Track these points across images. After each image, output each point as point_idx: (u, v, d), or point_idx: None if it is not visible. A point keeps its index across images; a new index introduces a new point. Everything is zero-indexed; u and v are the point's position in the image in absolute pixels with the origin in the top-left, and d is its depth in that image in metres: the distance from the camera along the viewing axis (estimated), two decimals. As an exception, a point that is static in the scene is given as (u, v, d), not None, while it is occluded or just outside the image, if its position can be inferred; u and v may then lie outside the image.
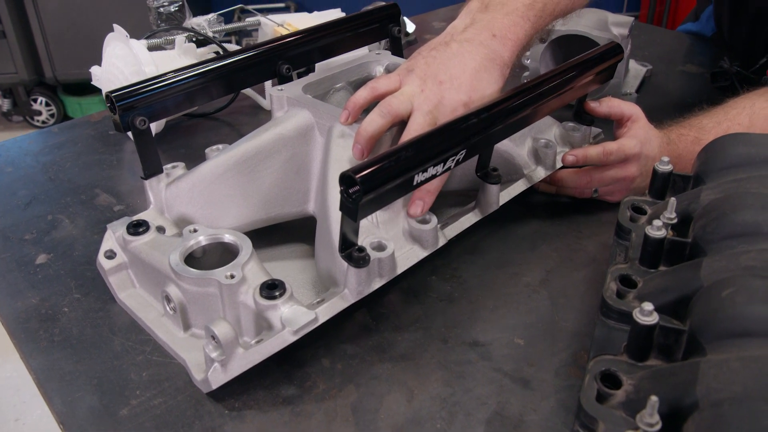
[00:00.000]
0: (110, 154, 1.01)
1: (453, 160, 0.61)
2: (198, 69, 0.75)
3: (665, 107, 1.05)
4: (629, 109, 0.79)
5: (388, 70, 0.84)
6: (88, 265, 0.77)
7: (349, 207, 0.55)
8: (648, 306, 0.49)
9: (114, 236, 0.71)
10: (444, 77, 0.69)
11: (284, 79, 0.81)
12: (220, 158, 0.72)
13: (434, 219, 0.66)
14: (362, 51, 0.98)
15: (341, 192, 0.54)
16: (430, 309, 0.69)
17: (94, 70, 1.00)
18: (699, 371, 0.44)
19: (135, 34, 1.00)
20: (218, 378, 0.58)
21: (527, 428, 0.56)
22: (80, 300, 0.72)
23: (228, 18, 1.38)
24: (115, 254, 0.71)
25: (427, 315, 0.68)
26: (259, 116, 1.10)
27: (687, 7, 3.28)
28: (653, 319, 0.49)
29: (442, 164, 0.60)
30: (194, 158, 0.91)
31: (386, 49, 0.91)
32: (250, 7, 3.76)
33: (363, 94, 0.69)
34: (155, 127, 0.99)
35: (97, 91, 3.32)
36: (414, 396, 0.59)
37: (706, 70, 1.18)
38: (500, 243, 0.78)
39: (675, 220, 0.60)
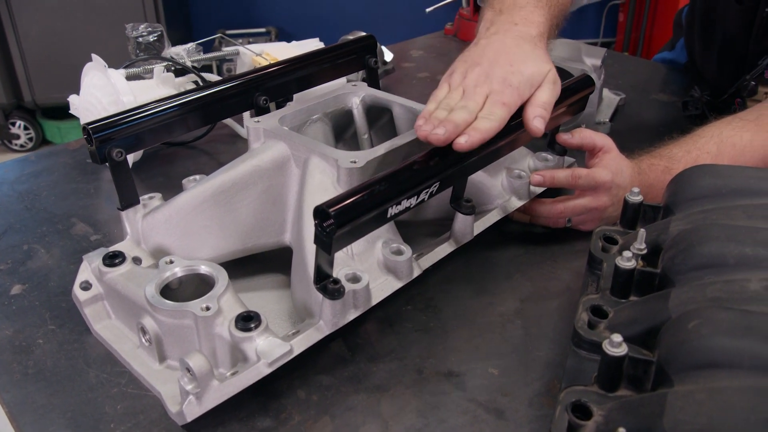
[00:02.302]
0: (87, 183, 1.00)
1: (427, 192, 0.62)
2: (175, 101, 0.76)
3: (638, 135, 1.08)
4: (601, 140, 0.81)
5: (365, 102, 0.85)
6: (64, 296, 0.76)
7: (323, 240, 0.55)
8: (617, 338, 0.50)
9: (90, 267, 0.71)
10: (482, 60, 0.73)
11: (261, 111, 0.82)
12: (197, 189, 0.73)
13: (408, 250, 0.67)
14: (341, 81, 1.00)
15: (315, 225, 0.55)
16: (405, 339, 0.69)
17: (72, 99, 1.00)
18: (666, 403, 0.45)
19: (114, 62, 1.01)
20: (193, 411, 0.57)
21: (501, 459, 0.56)
22: (55, 331, 0.71)
23: (208, 46, 1.39)
24: (90, 285, 0.71)
25: (403, 345, 0.69)
26: (237, 145, 1.11)
27: (661, 35, 3.36)
28: (622, 350, 0.50)
29: (416, 197, 0.61)
30: (172, 187, 0.92)
31: (363, 80, 0.93)
32: (231, 32, 3.77)
33: (431, 108, 0.69)
34: (132, 156, 0.99)
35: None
36: (389, 427, 0.59)
37: (678, 98, 1.21)
38: (475, 272, 0.79)
39: (645, 251, 0.62)
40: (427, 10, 1.65)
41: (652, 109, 1.20)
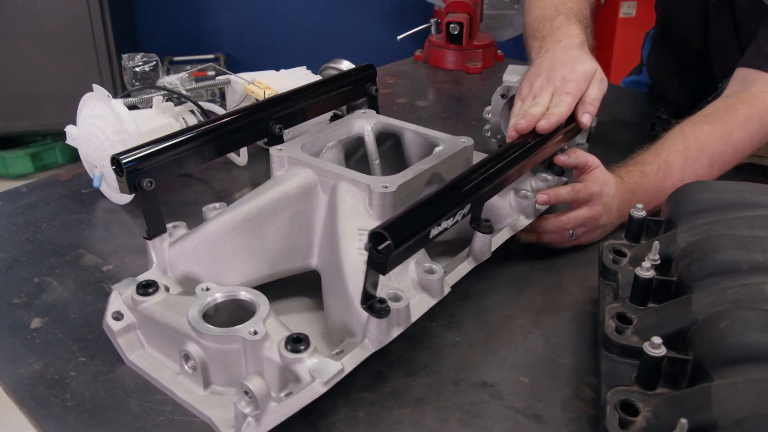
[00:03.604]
0: (87, 214, 1.00)
1: (461, 213, 0.67)
2: (199, 130, 0.78)
3: (612, 155, 1.15)
4: (591, 158, 0.88)
5: (376, 129, 0.89)
6: (88, 328, 0.76)
7: (377, 262, 0.58)
8: (657, 340, 0.55)
9: (121, 297, 0.72)
10: (541, 72, 0.92)
11: (276, 138, 0.85)
12: (225, 217, 0.75)
13: (440, 269, 0.70)
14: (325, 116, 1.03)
15: (370, 248, 0.58)
16: (436, 354, 0.73)
17: (70, 129, 1.00)
18: (711, 395, 0.50)
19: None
20: (252, 432, 0.59)
21: (547, 460, 0.60)
22: (86, 363, 0.71)
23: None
24: (122, 315, 0.71)
25: (435, 360, 0.72)
26: (232, 172, 1.12)
27: (602, 60, 3.54)
28: (662, 351, 0.55)
29: (452, 218, 0.65)
30: (174, 215, 0.93)
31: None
32: (178, 58, 3.73)
33: (523, 124, 0.82)
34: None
35: (20, 145, 3.21)
36: (437, 437, 0.62)
37: (644, 120, 1.30)
38: (489, 288, 0.83)
39: (658, 261, 0.68)
40: (399, 37, 1.71)
41: (621, 130, 1.28)
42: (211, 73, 3.56)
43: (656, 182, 0.92)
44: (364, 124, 0.89)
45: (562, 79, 0.88)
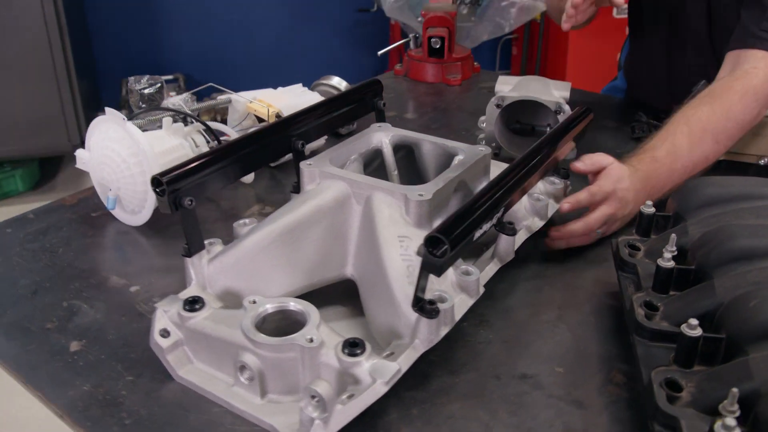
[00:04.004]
0: (101, 237, 1.00)
1: (497, 216, 0.71)
2: (230, 149, 0.80)
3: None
4: (604, 159, 0.94)
5: (393, 141, 0.93)
6: (128, 348, 0.77)
7: (434, 264, 0.62)
8: (693, 321, 0.61)
9: (166, 315, 0.73)
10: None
11: (299, 154, 0.88)
12: (263, 231, 0.77)
13: (476, 271, 0.74)
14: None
15: (425, 252, 0.62)
16: (472, 352, 0.77)
17: (80, 153, 1.01)
18: (750, 367, 0.55)
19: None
20: (320, 435, 0.62)
21: (596, 441, 0.65)
22: (135, 382, 0.72)
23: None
24: (169, 333, 0.73)
25: (473, 357, 0.76)
26: (240, 190, 1.14)
27: (555, 67, 3.67)
28: (698, 332, 0.60)
29: (491, 221, 0.70)
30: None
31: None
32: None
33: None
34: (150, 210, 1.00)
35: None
36: (491, 428, 0.66)
37: (623, 124, 1.37)
38: (510, 288, 0.88)
39: (676, 252, 0.73)
40: (380, 52, 1.75)
41: (603, 134, 1.36)
42: (172, 93, 3.55)
43: (667, 165, 0.99)
44: (382, 137, 0.92)
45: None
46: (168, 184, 0.72)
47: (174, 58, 3.89)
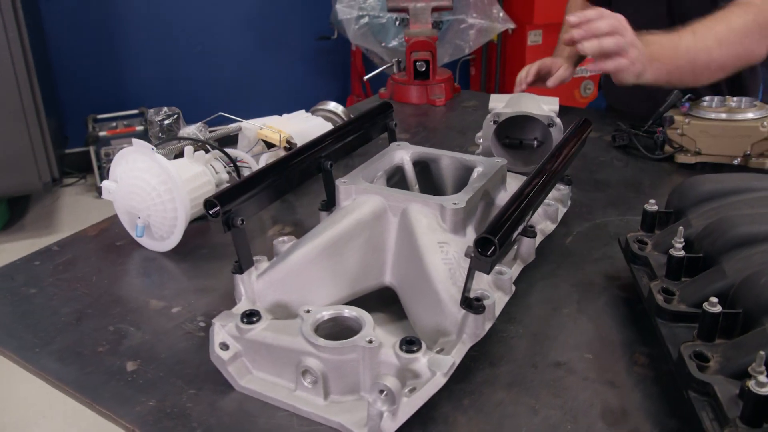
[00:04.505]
0: (130, 264, 1.04)
1: (528, 219, 0.78)
2: (272, 171, 0.85)
3: (579, 165, 1.33)
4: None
5: (413, 157, 1.00)
6: (183, 364, 0.81)
7: (483, 264, 0.69)
8: (714, 299, 0.69)
9: (224, 329, 0.78)
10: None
11: (327, 173, 0.94)
12: (308, 246, 0.82)
13: (508, 270, 0.81)
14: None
15: (476, 253, 0.69)
16: (507, 345, 0.83)
17: (108, 184, 1.04)
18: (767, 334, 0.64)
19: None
20: (389, 426, 0.67)
21: (632, 413, 0.72)
22: (198, 394, 0.76)
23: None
24: (227, 345, 0.77)
25: (509, 350, 0.82)
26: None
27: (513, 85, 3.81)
28: (718, 308, 0.68)
29: (524, 223, 0.77)
30: (216, 256, 1.02)
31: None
32: (102, 116, 3.68)
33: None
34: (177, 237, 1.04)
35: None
36: (538, 411, 0.73)
37: (603, 133, 1.48)
38: (529, 287, 0.95)
39: (684, 243, 0.82)
40: (365, 77, 1.83)
41: (586, 144, 1.45)
42: (139, 127, 3.56)
43: (671, 40, 1.13)
44: (403, 154, 0.99)
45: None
46: (221, 205, 0.77)
47: (138, 92, 3.91)
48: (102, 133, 3.48)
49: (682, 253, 0.79)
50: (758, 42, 1.22)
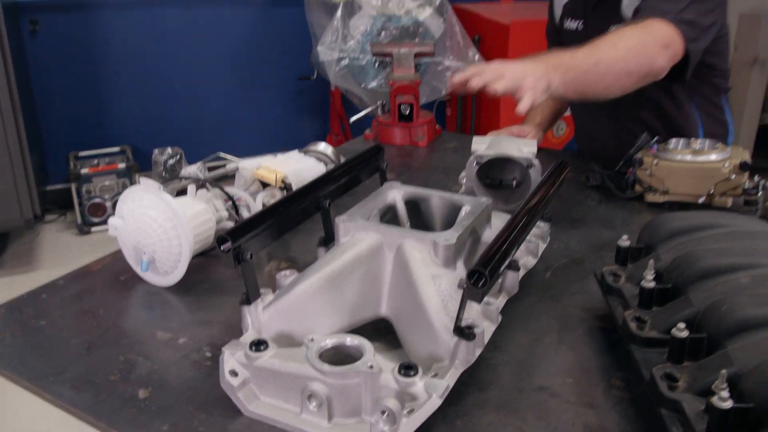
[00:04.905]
0: (135, 298, 1.09)
1: (514, 254, 0.86)
2: (277, 209, 0.92)
3: (561, 203, 1.41)
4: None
5: (405, 197, 1.07)
6: (193, 391, 0.86)
7: (475, 294, 0.76)
8: (681, 325, 0.76)
9: (233, 357, 0.83)
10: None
11: (326, 212, 1.01)
12: (311, 280, 0.89)
13: (495, 301, 0.89)
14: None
15: (470, 285, 0.76)
16: (494, 371, 0.90)
17: (114, 221, 1.10)
18: (730, 356, 0.71)
19: None
20: (391, 444, 0.73)
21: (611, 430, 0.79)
22: (209, 419, 0.81)
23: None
24: (237, 372, 0.83)
25: (496, 376, 0.89)
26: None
27: (488, 126, 3.95)
28: (686, 333, 0.76)
29: (510, 257, 0.84)
30: (217, 290, 1.07)
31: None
32: (84, 153, 3.71)
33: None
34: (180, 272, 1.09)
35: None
36: (524, 430, 0.79)
37: (578, 174, 1.57)
38: (511, 319, 1.01)
39: (654, 275, 0.90)
40: (351, 120, 1.91)
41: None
42: (121, 165, 3.60)
43: (571, 51, 1.23)
44: (395, 193, 1.07)
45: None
46: (232, 241, 0.84)
47: (120, 130, 3.96)
48: (84, 170, 3.51)
49: (652, 284, 0.87)
50: (658, 53, 1.32)
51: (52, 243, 3.48)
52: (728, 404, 0.65)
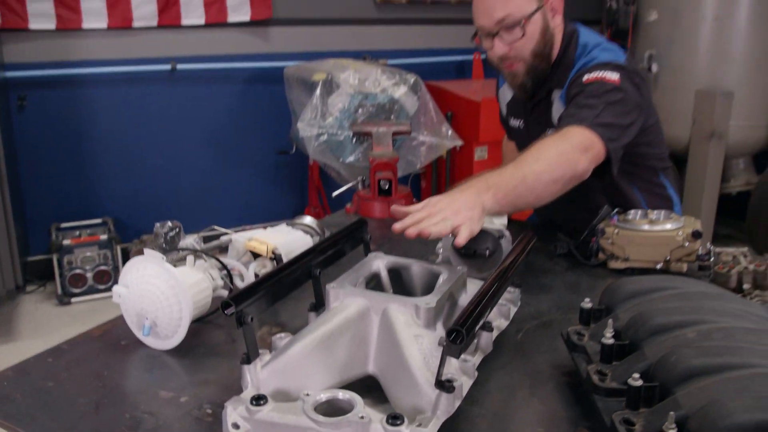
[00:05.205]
0: (136, 361, 1.16)
1: (487, 315, 0.96)
2: (274, 277, 1.02)
3: (531, 270, 1.53)
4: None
5: (388, 266, 1.18)
6: (196, 445, 0.93)
7: (454, 350, 0.86)
8: (636, 375, 0.87)
9: (236, 411, 0.91)
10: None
11: (316, 279, 1.11)
12: (305, 341, 0.98)
13: (472, 358, 0.98)
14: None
15: (449, 342, 0.86)
16: (472, 423, 0.99)
17: (118, 289, 1.18)
18: (679, 400, 0.82)
19: None
20: (381, 488, 0.81)
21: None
22: (212, 469, 0.88)
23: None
24: (239, 425, 0.90)
25: (476, 426, 0.98)
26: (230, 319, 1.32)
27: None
28: (640, 382, 0.87)
29: (484, 318, 0.95)
30: (213, 354, 1.15)
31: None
32: (66, 224, 3.76)
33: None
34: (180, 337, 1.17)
35: None
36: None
37: (545, 243, 1.69)
38: (488, 375, 1.11)
39: (613, 333, 1.01)
40: (334, 194, 2.03)
41: (532, 253, 1.67)
42: (103, 236, 3.66)
43: (498, 170, 1.35)
44: (379, 263, 1.17)
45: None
46: (236, 305, 0.93)
47: (102, 203, 4.03)
48: (66, 241, 3.56)
49: (611, 341, 0.98)
50: (578, 158, 1.44)
51: (31, 313, 3.49)
52: (675, 441, 0.75)
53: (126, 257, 3.80)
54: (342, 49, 4.49)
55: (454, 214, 1.23)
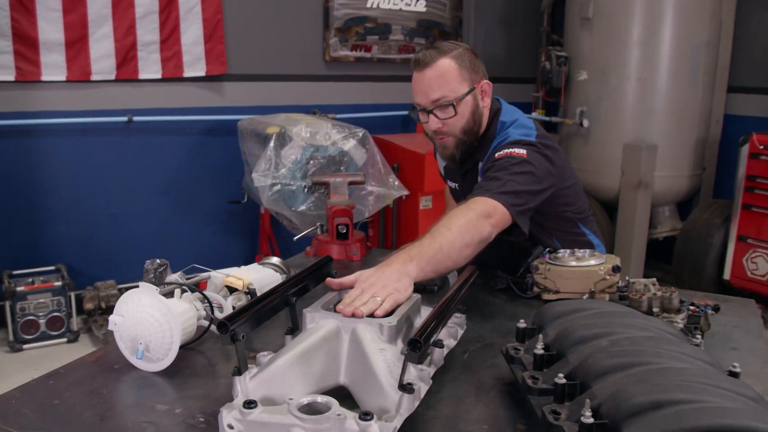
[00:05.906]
0: (131, 381, 1.30)
1: (440, 331, 1.17)
2: (259, 302, 1.20)
3: (475, 303, 1.74)
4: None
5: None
6: (195, 448, 1.08)
7: (414, 357, 1.05)
8: (561, 375, 1.08)
9: (230, 414, 1.07)
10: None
11: (292, 306, 1.29)
12: (286, 356, 1.15)
13: (427, 368, 1.18)
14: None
15: (410, 351, 1.05)
16: (428, 423, 1.17)
17: (115, 318, 1.32)
18: (594, 393, 1.03)
19: None
20: (357, 472, 0.98)
21: (517, 459, 1.07)
22: (210, 465, 1.04)
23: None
24: (233, 426, 1.06)
25: (430, 426, 1.16)
26: (217, 344, 1.48)
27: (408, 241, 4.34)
28: (564, 380, 1.08)
29: (437, 334, 1.15)
30: (198, 374, 1.31)
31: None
32: (18, 272, 3.77)
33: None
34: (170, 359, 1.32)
35: None
36: (454, 461, 1.06)
37: (486, 279, 1.91)
38: (440, 385, 1.29)
39: (543, 346, 1.22)
40: (295, 238, 2.21)
41: (476, 288, 1.88)
42: (57, 283, 3.69)
43: (417, 243, 1.52)
44: (345, 293, 1.36)
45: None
46: (231, 325, 1.10)
47: (55, 250, 4.07)
48: (19, 288, 3.58)
49: (542, 352, 1.20)
50: (482, 224, 1.63)
51: (-19, 361, 3.48)
52: (590, 420, 0.96)
53: (80, 304, 3.84)
54: (293, 104, 4.73)
55: (383, 287, 1.34)
